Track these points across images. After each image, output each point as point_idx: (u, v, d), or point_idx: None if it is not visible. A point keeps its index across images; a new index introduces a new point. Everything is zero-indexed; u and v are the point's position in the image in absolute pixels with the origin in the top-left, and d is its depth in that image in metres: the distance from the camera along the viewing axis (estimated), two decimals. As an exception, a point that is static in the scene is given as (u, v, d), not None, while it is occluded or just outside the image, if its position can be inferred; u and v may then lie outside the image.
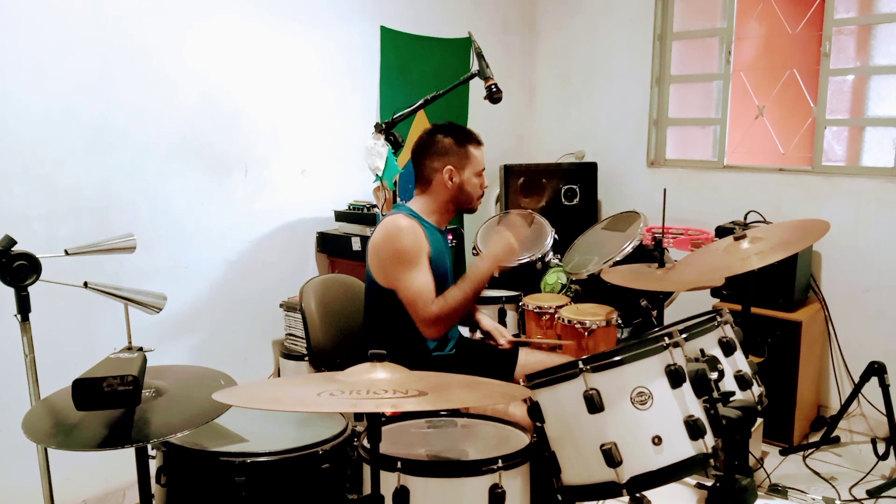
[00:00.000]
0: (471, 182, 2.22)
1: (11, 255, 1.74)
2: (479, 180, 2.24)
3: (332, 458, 1.63)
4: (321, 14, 3.19)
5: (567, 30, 4.13)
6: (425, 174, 2.22)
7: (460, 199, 2.23)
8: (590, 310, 2.72)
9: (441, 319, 2.07)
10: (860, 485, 2.71)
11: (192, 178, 2.81)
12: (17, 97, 2.33)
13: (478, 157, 2.23)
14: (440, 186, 2.20)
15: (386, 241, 2.10)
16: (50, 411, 1.57)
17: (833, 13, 3.26)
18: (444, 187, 2.20)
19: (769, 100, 3.63)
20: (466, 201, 2.24)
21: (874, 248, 3.19)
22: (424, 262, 2.10)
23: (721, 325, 1.75)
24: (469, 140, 2.22)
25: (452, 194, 2.21)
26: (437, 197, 2.22)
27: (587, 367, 1.53)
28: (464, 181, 2.20)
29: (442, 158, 2.19)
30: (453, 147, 2.20)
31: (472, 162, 2.21)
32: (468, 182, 2.21)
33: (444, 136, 2.21)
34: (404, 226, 2.10)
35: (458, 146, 2.20)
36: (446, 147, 2.19)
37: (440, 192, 2.21)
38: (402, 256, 2.07)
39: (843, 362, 3.30)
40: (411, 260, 2.07)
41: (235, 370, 1.80)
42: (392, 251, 2.09)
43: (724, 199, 3.58)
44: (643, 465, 1.48)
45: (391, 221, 2.13)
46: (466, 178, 2.21)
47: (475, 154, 2.22)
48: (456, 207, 2.26)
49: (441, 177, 2.19)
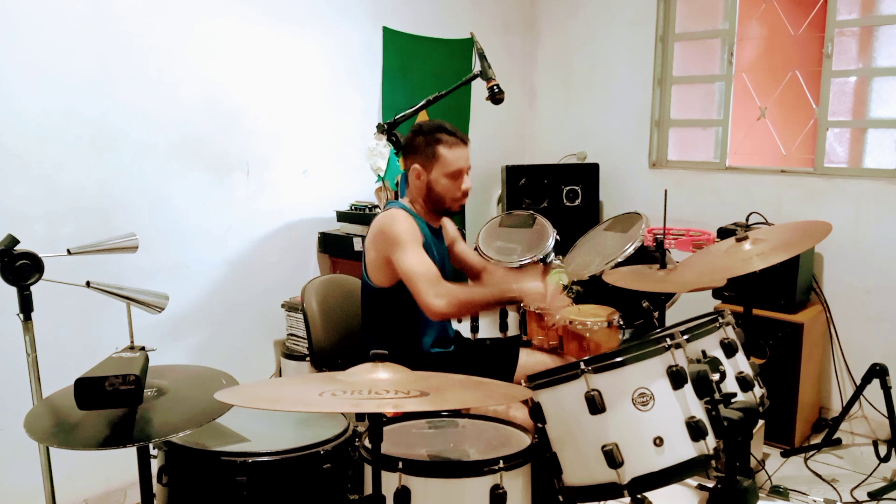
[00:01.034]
0: (440, 183, 2.17)
1: (14, 254, 1.74)
2: (450, 182, 2.17)
3: (333, 458, 1.63)
4: (323, 14, 3.20)
5: (568, 30, 4.13)
6: (406, 175, 2.24)
7: (431, 198, 2.20)
8: (591, 311, 2.71)
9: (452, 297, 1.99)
10: (861, 487, 2.71)
11: (192, 179, 2.82)
12: (18, 97, 2.34)
13: (448, 158, 2.15)
14: (413, 185, 2.22)
15: (380, 230, 2.11)
16: (52, 410, 1.57)
17: (835, 14, 3.25)
18: (414, 186, 2.21)
19: (771, 101, 3.63)
20: (438, 202, 2.20)
21: (876, 249, 3.19)
22: (421, 247, 2.09)
23: (723, 326, 1.75)
24: (439, 141, 2.16)
25: (423, 194, 2.20)
26: (414, 195, 2.23)
27: (589, 367, 1.53)
28: (431, 181, 2.17)
29: (411, 157, 2.19)
30: (422, 146, 2.17)
31: (441, 162, 2.16)
32: (436, 182, 2.17)
33: (418, 135, 2.19)
34: (398, 214, 2.12)
35: (426, 146, 2.17)
36: (416, 146, 2.19)
37: (414, 191, 2.22)
38: (399, 240, 2.06)
39: (844, 364, 3.29)
40: (408, 241, 2.06)
41: (237, 370, 1.80)
42: (387, 238, 2.08)
43: (726, 200, 3.58)
44: (644, 466, 1.48)
45: (384, 213, 2.16)
46: (434, 179, 2.17)
47: (445, 154, 2.15)
48: (432, 207, 2.23)
49: (410, 175, 2.20)
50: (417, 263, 2.03)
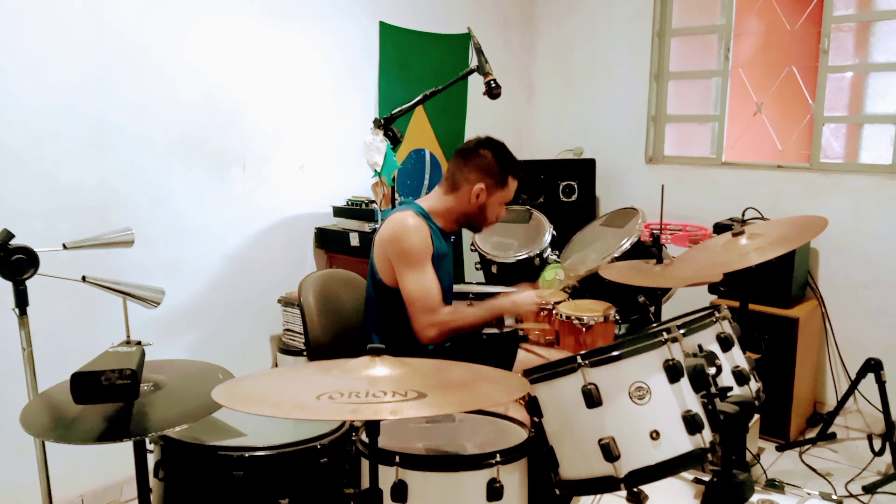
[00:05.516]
0: (493, 207, 2.20)
1: (9, 248, 1.74)
2: (500, 209, 2.23)
3: (330, 452, 1.64)
4: (320, 10, 3.19)
5: (566, 26, 4.12)
6: (456, 179, 2.19)
7: (476, 218, 2.21)
8: (588, 306, 2.72)
9: (444, 327, 2.06)
10: (856, 480, 2.73)
11: (191, 175, 2.81)
12: (17, 94, 2.32)
13: (511, 189, 2.21)
14: (464, 197, 2.18)
15: (392, 239, 2.09)
16: (48, 405, 1.57)
17: (832, 10, 3.26)
18: (467, 200, 2.18)
19: (768, 96, 3.63)
20: (480, 222, 2.23)
21: (872, 244, 3.20)
22: (429, 264, 2.09)
23: (719, 320, 1.75)
24: (513, 170, 2.19)
25: (472, 210, 2.19)
26: (455, 205, 2.20)
27: (585, 361, 1.53)
28: (488, 204, 2.18)
29: (480, 173, 2.16)
30: (495, 169, 2.17)
31: (505, 191, 2.19)
32: (491, 206, 2.19)
33: (494, 156, 2.17)
34: (411, 225, 2.08)
35: (501, 171, 2.17)
36: (489, 165, 2.16)
37: (461, 202, 2.19)
38: (408, 256, 2.06)
39: (839, 359, 3.30)
40: (417, 260, 2.06)
41: (233, 365, 1.80)
42: (398, 250, 2.08)
43: (723, 195, 3.59)
44: (641, 459, 1.48)
45: (399, 219, 2.11)
46: (491, 203, 2.19)
47: (511, 185, 2.20)
48: (466, 222, 2.24)
49: (469, 189, 2.16)
50: (418, 289, 2.05)
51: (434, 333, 2.05)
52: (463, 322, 2.10)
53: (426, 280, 2.06)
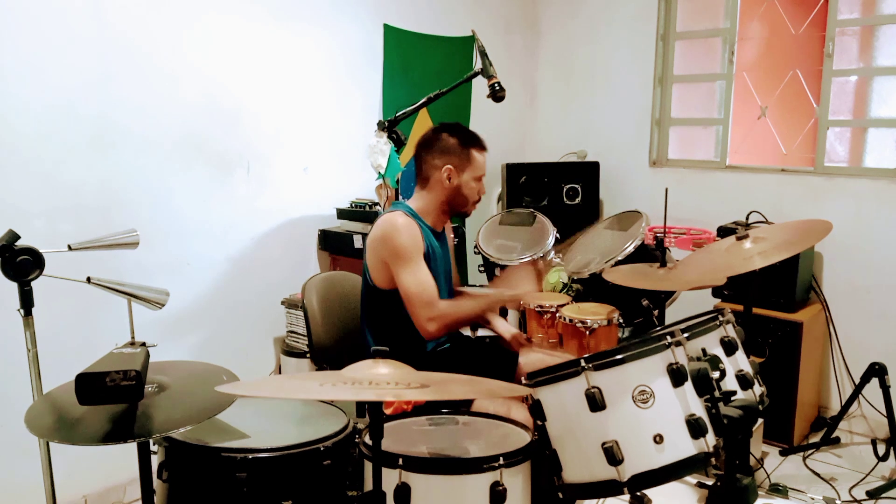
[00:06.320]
0: (468, 185, 2.22)
1: (15, 249, 1.74)
2: (477, 185, 2.25)
3: (333, 454, 1.64)
4: (324, 12, 3.19)
5: (569, 29, 4.13)
6: (425, 170, 2.23)
7: (456, 200, 2.23)
8: (591, 309, 2.72)
9: (444, 320, 2.08)
10: (860, 486, 2.72)
11: (193, 176, 2.82)
12: (19, 94, 2.33)
13: (479, 161, 2.23)
14: (437, 185, 2.21)
15: (382, 239, 2.11)
16: (52, 406, 1.57)
17: (836, 14, 3.25)
18: (441, 186, 2.21)
19: (772, 100, 3.63)
20: (461, 203, 2.25)
21: (876, 249, 3.19)
22: (422, 260, 2.11)
23: (723, 324, 1.75)
24: (473, 143, 2.23)
25: (449, 194, 2.22)
26: (433, 196, 2.23)
27: (589, 365, 1.53)
28: (462, 183, 2.21)
29: (443, 157, 2.20)
30: (457, 147, 2.20)
31: (473, 165, 2.22)
32: (466, 185, 2.22)
33: (450, 136, 2.21)
34: (400, 223, 2.10)
35: (462, 147, 2.20)
36: (450, 146, 2.20)
37: (437, 190, 2.22)
38: (400, 254, 2.08)
39: (843, 363, 3.30)
40: (409, 257, 2.08)
41: (237, 367, 1.80)
42: (389, 249, 2.09)
43: (726, 199, 3.58)
44: (644, 463, 1.48)
45: (388, 219, 2.13)
46: (465, 181, 2.21)
47: (477, 158, 2.23)
48: (450, 209, 2.27)
49: (440, 175, 2.19)
50: (415, 284, 2.06)
51: (435, 328, 2.07)
52: (462, 314, 2.12)
53: (420, 275, 2.08)
